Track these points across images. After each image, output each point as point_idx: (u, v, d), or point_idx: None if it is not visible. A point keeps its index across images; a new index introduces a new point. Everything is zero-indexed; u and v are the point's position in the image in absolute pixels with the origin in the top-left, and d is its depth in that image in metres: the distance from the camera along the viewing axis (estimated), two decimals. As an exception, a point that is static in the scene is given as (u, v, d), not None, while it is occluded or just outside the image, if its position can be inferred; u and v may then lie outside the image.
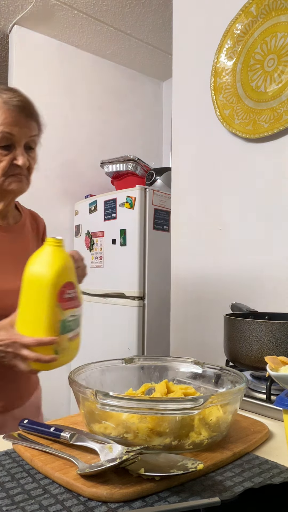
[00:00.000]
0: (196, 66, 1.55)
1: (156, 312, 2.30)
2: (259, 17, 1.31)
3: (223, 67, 1.42)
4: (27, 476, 0.50)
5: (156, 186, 2.55)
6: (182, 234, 1.60)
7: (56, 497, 0.45)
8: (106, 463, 0.48)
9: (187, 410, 0.52)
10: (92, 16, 2.65)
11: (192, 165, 1.57)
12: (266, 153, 1.31)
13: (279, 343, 0.81)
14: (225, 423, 0.58)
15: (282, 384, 0.57)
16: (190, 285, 1.56)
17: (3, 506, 0.44)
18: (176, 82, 1.65)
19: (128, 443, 0.55)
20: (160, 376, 0.77)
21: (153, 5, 2.54)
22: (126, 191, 2.39)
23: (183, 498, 0.45)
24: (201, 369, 0.75)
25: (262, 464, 0.54)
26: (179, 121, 1.64)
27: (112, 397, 0.52)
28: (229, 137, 1.41)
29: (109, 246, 2.47)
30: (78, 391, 0.58)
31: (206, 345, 1.42)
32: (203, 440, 0.55)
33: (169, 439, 0.54)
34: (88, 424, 0.60)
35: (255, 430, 0.63)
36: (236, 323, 0.89)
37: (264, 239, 1.32)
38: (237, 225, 1.40)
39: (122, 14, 2.63)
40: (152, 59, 3.15)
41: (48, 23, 2.77)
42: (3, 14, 2.71)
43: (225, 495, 0.45)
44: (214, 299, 1.45)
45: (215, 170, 1.48)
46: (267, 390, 0.79)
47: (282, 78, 1.25)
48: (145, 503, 0.44)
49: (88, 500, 0.45)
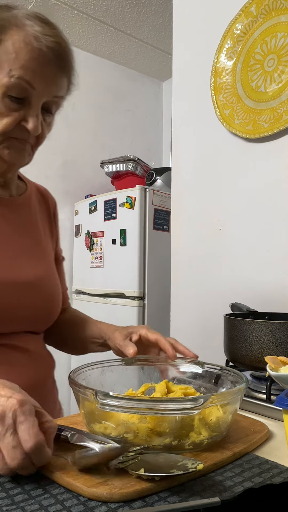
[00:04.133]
0: (196, 66, 1.55)
1: (156, 312, 2.30)
2: (259, 17, 1.31)
3: (223, 67, 1.42)
4: (27, 476, 0.50)
5: (156, 186, 2.55)
6: (182, 234, 1.60)
7: (56, 497, 0.45)
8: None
9: (187, 410, 0.52)
10: (92, 16, 2.65)
11: (192, 165, 1.57)
12: (266, 153, 1.31)
13: (279, 343, 0.81)
14: (225, 423, 0.58)
15: (282, 384, 0.57)
16: (190, 285, 1.56)
17: (3, 506, 0.44)
18: (176, 82, 1.65)
19: (128, 443, 0.55)
20: (160, 376, 0.77)
21: (153, 5, 2.54)
22: (126, 191, 2.39)
23: (183, 498, 0.45)
24: (201, 369, 0.75)
25: (262, 464, 0.54)
26: (179, 121, 1.64)
27: (112, 397, 0.52)
28: (229, 137, 1.41)
29: (109, 246, 2.47)
30: (78, 391, 0.58)
31: (206, 345, 1.42)
32: (203, 440, 0.55)
33: (169, 439, 0.54)
34: (88, 424, 0.60)
35: (255, 430, 0.63)
36: (236, 323, 0.89)
37: (264, 239, 1.32)
38: (237, 225, 1.40)
39: (122, 14, 2.63)
40: (152, 59, 3.15)
41: (48, 23, 2.77)
42: (3, 14, 2.71)
43: (225, 495, 0.45)
44: (214, 299, 1.45)
45: (215, 170, 1.48)
46: (267, 390, 0.79)
47: (282, 78, 1.25)
48: (145, 503, 0.44)
49: (88, 500, 0.45)
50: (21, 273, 0.77)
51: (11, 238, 0.79)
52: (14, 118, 0.68)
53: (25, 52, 0.65)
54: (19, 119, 0.68)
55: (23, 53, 0.65)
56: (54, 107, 0.74)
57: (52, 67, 0.68)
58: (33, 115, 0.68)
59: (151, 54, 3.09)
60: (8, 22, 0.66)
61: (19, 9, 0.69)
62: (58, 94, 0.72)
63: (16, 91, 0.66)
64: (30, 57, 0.65)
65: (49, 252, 0.89)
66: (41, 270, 0.82)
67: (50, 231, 0.93)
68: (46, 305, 0.83)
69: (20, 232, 0.81)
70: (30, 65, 0.65)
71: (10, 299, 0.74)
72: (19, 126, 0.69)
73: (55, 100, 0.72)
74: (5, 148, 0.70)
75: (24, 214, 0.84)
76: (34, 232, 0.85)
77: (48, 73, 0.68)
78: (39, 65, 0.66)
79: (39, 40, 0.65)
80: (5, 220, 0.79)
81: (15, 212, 0.82)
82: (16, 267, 0.77)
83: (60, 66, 0.69)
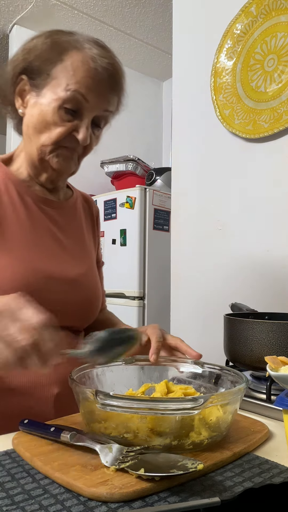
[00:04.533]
0: (196, 66, 1.55)
1: (156, 312, 2.30)
2: (259, 17, 1.31)
3: (223, 67, 1.42)
4: (27, 476, 0.50)
5: (156, 186, 2.55)
6: (182, 234, 1.60)
7: (56, 497, 0.45)
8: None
9: (187, 410, 0.52)
10: (92, 16, 2.65)
11: (192, 165, 1.57)
12: (266, 153, 1.31)
13: (279, 343, 0.81)
14: (225, 423, 0.58)
15: (282, 384, 0.57)
16: (190, 285, 1.56)
17: (3, 506, 0.44)
18: (176, 82, 1.65)
19: (128, 443, 0.55)
20: (160, 376, 0.77)
21: (153, 5, 2.54)
22: (126, 191, 2.39)
23: (183, 498, 0.45)
24: (201, 369, 0.75)
25: (262, 464, 0.54)
26: (179, 121, 1.64)
27: (112, 397, 0.52)
28: (229, 137, 1.41)
29: (109, 246, 2.47)
30: (78, 391, 0.58)
31: (206, 345, 1.42)
32: (203, 440, 0.55)
33: (169, 439, 0.54)
34: (88, 424, 0.60)
35: (255, 430, 0.63)
36: (236, 323, 0.89)
37: (264, 239, 1.32)
38: (237, 225, 1.40)
39: (122, 14, 2.63)
40: (152, 59, 3.15)
41: (48, 23, 2.77)
42: (3, 14, 2.71)
43: (225, 495, 0.45)
44: (214, 299, 1.45)
45: (215, 170, 1.48)
46: (267, 390, 0.79)
47: (282, 78, 1.25)
48: (145, 503, 0.44)
49: (88, 500, 0.45)
50: (67, 270, 0.82)
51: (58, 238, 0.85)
52: (67, 128, 0.75)
53: (82, 70, 0.74)
54: (71, 130, 0.76)
55: (80, 71, 0.74)
56: (103, 122, 0.82)
57: (105, 85, 0.76)
58: (84, 127, 0.76)
59: (151, 54, 3.09)
60: (69, 44, 0.75)
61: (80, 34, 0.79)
62: (109, 108, 0.79)
63: (71, 103, 0.74)
64: (86, 75, 0.74)
65: (91, 254, 0.95)
66: (84, 269, 0.88)
67: (92, 235, 0.99)
68: (88, 303, 0.87)
69: (66, 233, 0.87)
70: (85, 82, 0.74)
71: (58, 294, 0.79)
72: (70, 136, 0.76)
73: (104, 115, 0.80)
74: (54, 156, 0.78)
75: (70, 217, 0.91)
76: (78, 234, 0.92)
77: (100, 90, 0.76)
78: (93, 82, 0.74)
79: (95, 61, 0.74)
80: (52, 221, 0.85)
81: (62, 214, 0.89)
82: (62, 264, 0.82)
83: (112, 85, 0.77)
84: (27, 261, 0.76)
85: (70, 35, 0.78)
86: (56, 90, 0.74)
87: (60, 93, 0.74)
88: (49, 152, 0.78)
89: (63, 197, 0.92)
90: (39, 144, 0.78)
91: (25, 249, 0.77)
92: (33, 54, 0.76)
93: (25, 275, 0.74)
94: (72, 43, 0.75)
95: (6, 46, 3.03)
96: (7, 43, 3.00)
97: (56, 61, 0.74)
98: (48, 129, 0.76)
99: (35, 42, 0.78)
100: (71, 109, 0.75)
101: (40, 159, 0.80)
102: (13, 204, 0.80)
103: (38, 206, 0.84)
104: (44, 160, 0.79)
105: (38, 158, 0.80)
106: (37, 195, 0.85)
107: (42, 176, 0.84)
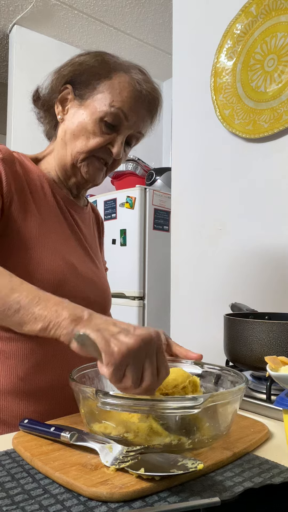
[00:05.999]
0: (196, 66, 1.55)
1: (156, 312, 2.30)
2: (259, 17, 1.31)
3: (223, 67, 1.42)
4: (27, 476, 0.50)
5: (156, 186, 2.55)
6: (182, 234, 1.60)
7: (56, 497, 0.45)
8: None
9: (187, 409, 0.52)
10: (92, 16, 2.65)
11: (192, 165, 1.57)
12: (266, 153, 1.31)
13: (279, 343, 0.81)
14: (225, 423, 0.58)
15: (282, 384, 0.57)
16: (190, 285, 1.56)
17: (3, 506, 0.44)
18: (176, 82, 1.65)
19: (128, 442, 0.55)
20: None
21: (153, 5, 2.55)
22: (126, 191, 2.39)
23: (183, 498, 0.45)
24: (201, 369, 0.75)
25: (262, 464, 0.54)
26: (179, 121, 1.64)
27: (112, 396, 0.52)
28: (229, 137, 1.41)
29: (109, 246, 2.47)
30: (79, 390, 0.58)
31: (206, 345, 1.42)
32: (203, 440, 0.55)
33: (169, 439, 0.54)
34: (88, 424, 0.60)
35: (255, 430, 0.63)
36: (236, 323, 0.89)
37: (263, 239, 1.32)
38: (237, 225, 1.40)
39: (122, 14, 2.64)
40: (152, 59, 3.15)
41: (48, 23, 2.77)
42: (3, 14, 2.71)
43: (225, 495, 0.45)
44: (214, 299, 1.45)
45: (215, 170, 1.48)
46: (267, 390, 0.79)
47: (282, 78, 1.25)
48: (145, 503, 0.44)
49: (88, 500, 0.45)
50: (87, 268, 0.88)
51: (80, 238, 0.91)
52: (104, 139, 0.81)
53: (128, 90, 0.80)
54: (107, 142, 0.81)
55: (126, 91, 0.80)
56: (134, 141, 0.87)
57: (145, 108, 0.83)
58: (119, 142, 0.81)
59: (151, 54, 3.09)
60: (119, 65, 0.83)
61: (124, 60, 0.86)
62: (142, 130, 0.86)
63: (112, 118, 0.80)
64: (131, 95, 0.80)
65: (100, 259, 1.01)
66: (99, 271, 0.94)
67: (99, 242, 1.05)
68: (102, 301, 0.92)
69: (85, 236, 0.93)
70: (129, 102, 0.80)
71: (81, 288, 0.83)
72: (105, 147, 0.82)
73: (137, 135, 0.86)
74: (86, 165, 0.83)
75: (87, 222, 0.97)
76: (92, 239, 0.98)
77: (140, 111, 0.82)
78: (136, 103, 0.81)
79: (140, 85, 0.81)
80: (76, 223, 0.91)
81: (82, 219, 0.95)
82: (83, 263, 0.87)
83: (151, 110, 0.85)
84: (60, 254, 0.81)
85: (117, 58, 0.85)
86: (101, 103, 0.80)
87: (104, 107, 0.79)
88: (82, 159, 0.82)
89: (82, 204, 0.97)
90: (75, 150, 0.82)
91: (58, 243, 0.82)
92: (83, 67, 0.82)
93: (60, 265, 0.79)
94: (120, 65, 0.83)
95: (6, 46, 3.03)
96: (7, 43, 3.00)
97: (105, 77, 0.81)
98: (87, 137, 0.81)
99: (84, 57, 0.84)
100: (111, 124, 0.80)
101: (72, 164, 0.84)
102: (47, 201, 0.84)
103: (66, 207, 0.88)
104: (76, 166, 0.84)
105: (70, 163, 0.84)
106: (66, 197, 0.89)
107: (70, 181, 0.88)
